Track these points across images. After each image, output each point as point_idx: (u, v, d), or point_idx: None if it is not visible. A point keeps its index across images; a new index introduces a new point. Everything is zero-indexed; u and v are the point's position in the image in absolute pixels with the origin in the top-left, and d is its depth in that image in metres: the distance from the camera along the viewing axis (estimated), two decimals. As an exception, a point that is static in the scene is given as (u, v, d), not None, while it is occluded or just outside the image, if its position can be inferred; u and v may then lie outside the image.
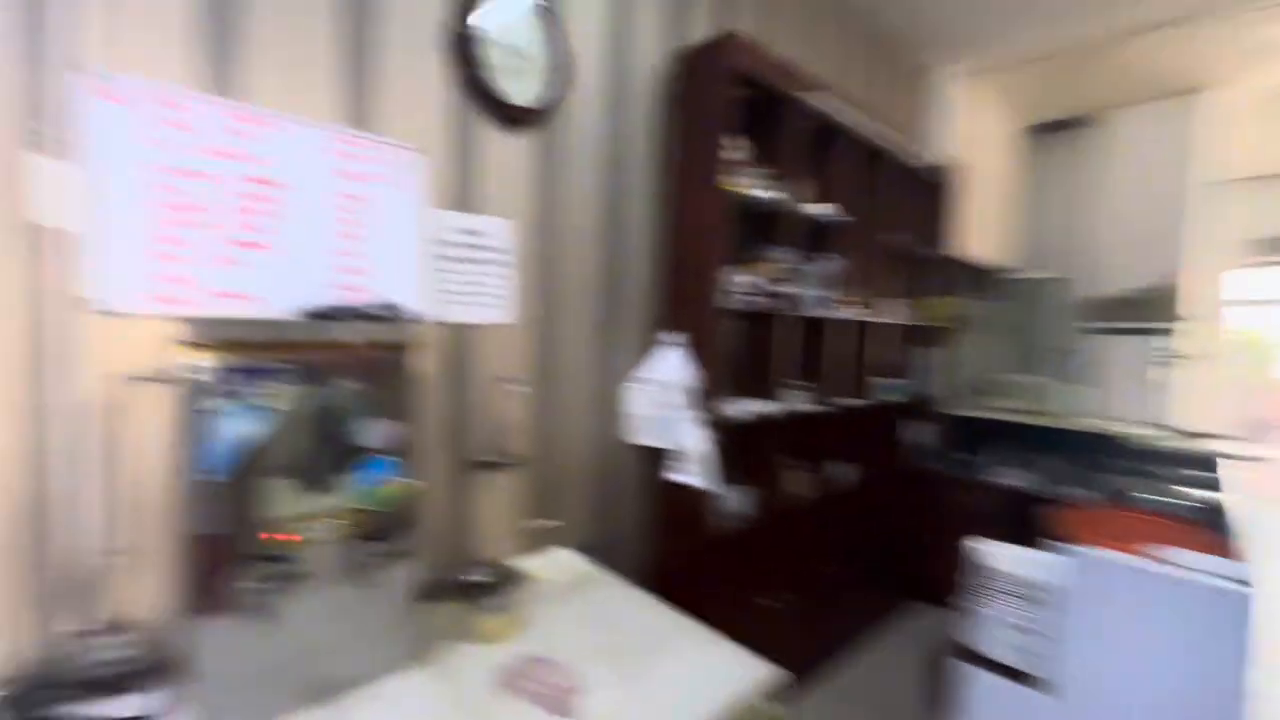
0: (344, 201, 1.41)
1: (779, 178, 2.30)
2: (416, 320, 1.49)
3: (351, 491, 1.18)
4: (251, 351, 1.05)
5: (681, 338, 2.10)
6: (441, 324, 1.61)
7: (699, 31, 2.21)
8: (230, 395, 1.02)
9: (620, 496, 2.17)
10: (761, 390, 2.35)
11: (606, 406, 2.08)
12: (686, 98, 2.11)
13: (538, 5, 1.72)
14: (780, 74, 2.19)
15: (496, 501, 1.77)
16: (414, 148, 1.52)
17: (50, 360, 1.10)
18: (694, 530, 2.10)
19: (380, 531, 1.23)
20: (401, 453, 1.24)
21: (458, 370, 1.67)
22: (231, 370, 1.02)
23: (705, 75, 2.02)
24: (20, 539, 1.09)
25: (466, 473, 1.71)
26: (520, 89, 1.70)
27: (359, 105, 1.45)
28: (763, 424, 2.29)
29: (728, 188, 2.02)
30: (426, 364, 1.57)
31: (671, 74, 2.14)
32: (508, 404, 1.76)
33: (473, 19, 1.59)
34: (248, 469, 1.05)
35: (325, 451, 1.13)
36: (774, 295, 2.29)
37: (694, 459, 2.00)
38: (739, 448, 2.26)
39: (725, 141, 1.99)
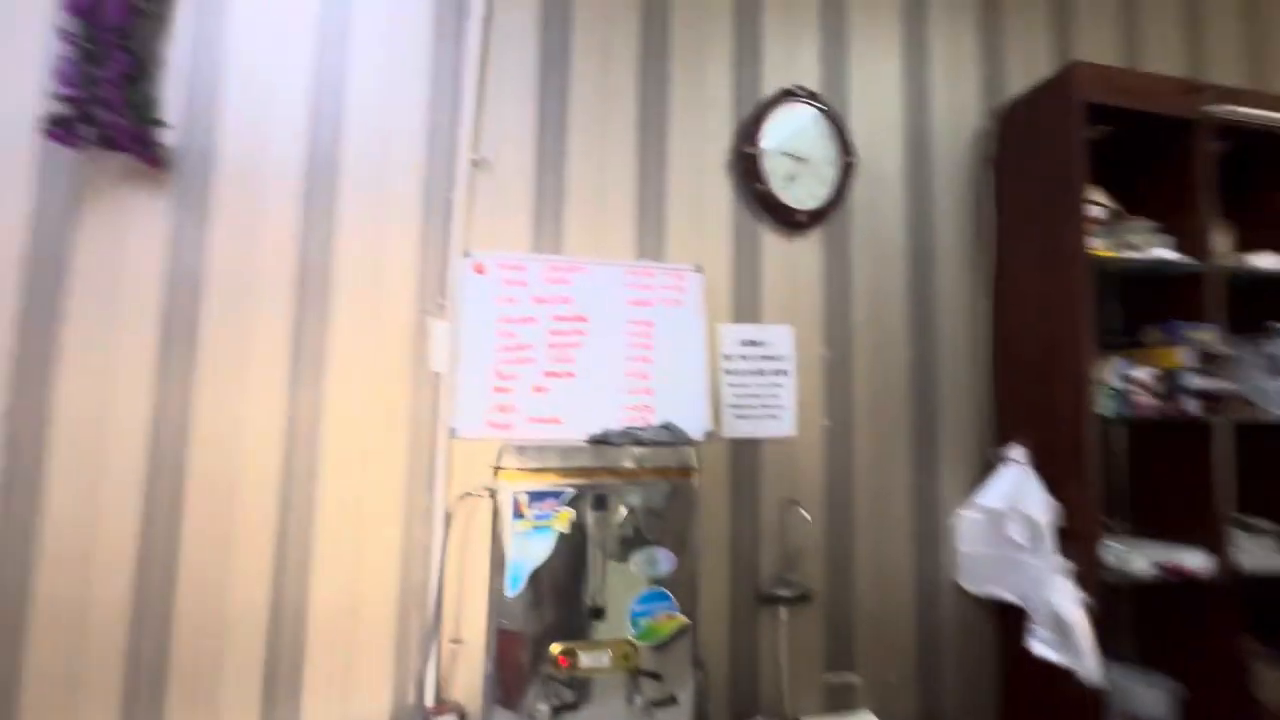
0: (634, 327, 1.51)
1: (1169, 229, 1.64)
2: (697, 440, 1.46)
3: (628, 621, 1.14)
4: (545, 476, 1.14)
5: (1027, 454, 1.59)
6: (724, 440, 1.56)
7: (1018, 81, 1.83)
8: (525, 516, 1.11)
9: (947, 658, 1.67)
10: (1184, 533, 1.58)
11: (925, 538, 1.68)
12: (1014, 156, 1.72)
13: (819, 109, 1.66)
14: (1164, 94, 1.60)
15: (785, 644, 1.54)
16: (697, 268, 1.57)
17: (425, 476, 1.41)
18: (1072, 733, 1.46)
19: (656, 668, 1.16)
20: (680, 582, 1.17)
21: (741, 490, 1.57)
22: (527, 493, 1.12)
23: (1044, 122, 1.62)
24: (395, 619, 1.37)
25: (752, 607, 1.54)
26: (802, 194, 1.64)
27: (649, 237, 1.58)
28: (1188, 584, 1.52)
29: (1088, 252, 1.51)
30: (708, 485, 1.52)
31: (991, 134, 1.79)
32: (798, 529, 1.56)
33: (759, 141, 1.61)
34: (536, 585, 1.11)
35: (602, 577, 1.14)
36: (1188, 392, 1.57)
37: (1056, 624, 1.42)
38: (1146, 618, 1.54)
39: (1079, 195, 1.52)
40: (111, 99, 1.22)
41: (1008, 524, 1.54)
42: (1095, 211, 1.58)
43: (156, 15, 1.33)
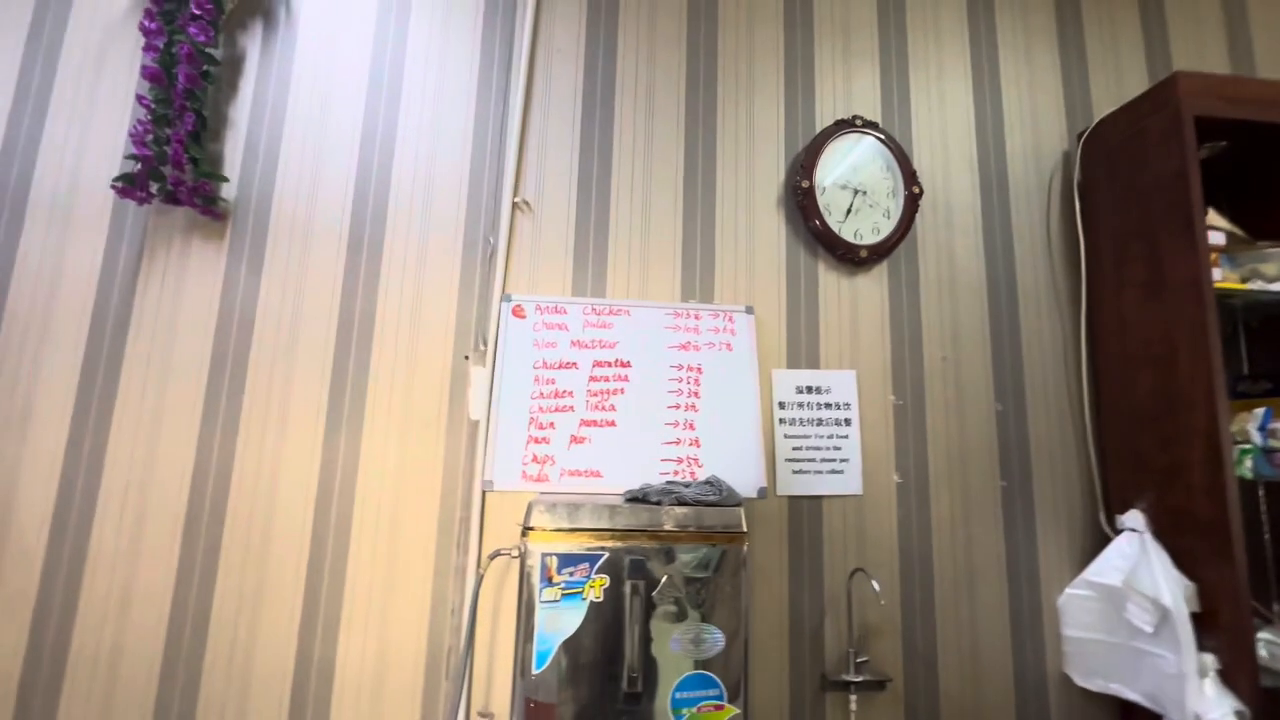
0: (680, 373, 1.41)
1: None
2: (749, 499, 1.33)
3: (669, 708, 1.00)
4: (577, 537, 1.03)
5: (1147, 521, 1.35)
6: (779, 498, 1.40)
7: (1105, 100, 1.68)
8: (554, 581, 1.01)
9: (1061, 767, 1.40)
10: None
11: (1024, 618, 1.44)
12: (1105, 180, 1.53)
13: (879, 138, 1.55)
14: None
15: (858, 738, 1.33)
16: (748, 309, 1.47)
17: (458, 531, 1.33)
18: None
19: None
20: (730, 664, 1.01)
21: (801, 556, 1.39)
22: (557, 556, 1.01)
23: (1143, 140, 1.43)
24: (422, 685, 1.27)
25: (816, 694, 1.34)
26: (863, 228, 1.52)
27: (697, 277, 1.49)
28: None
29: (1214, 285, 1.30)
30: (761, 549, 1.37)
31: (1075, 158, 1.62)
32: (869, 603, 1.36)
33: (815, 174, 1.51)
34: (567, 659, 1.00)
35: (639, 656, 1.00)
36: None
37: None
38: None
39: (1196, 219, 1.32)
40: (177, 156, 1.28)
41: (1128, 605, 1.29)
42: (1214, 238, 1.37)
43: (225, 80, 1.41)
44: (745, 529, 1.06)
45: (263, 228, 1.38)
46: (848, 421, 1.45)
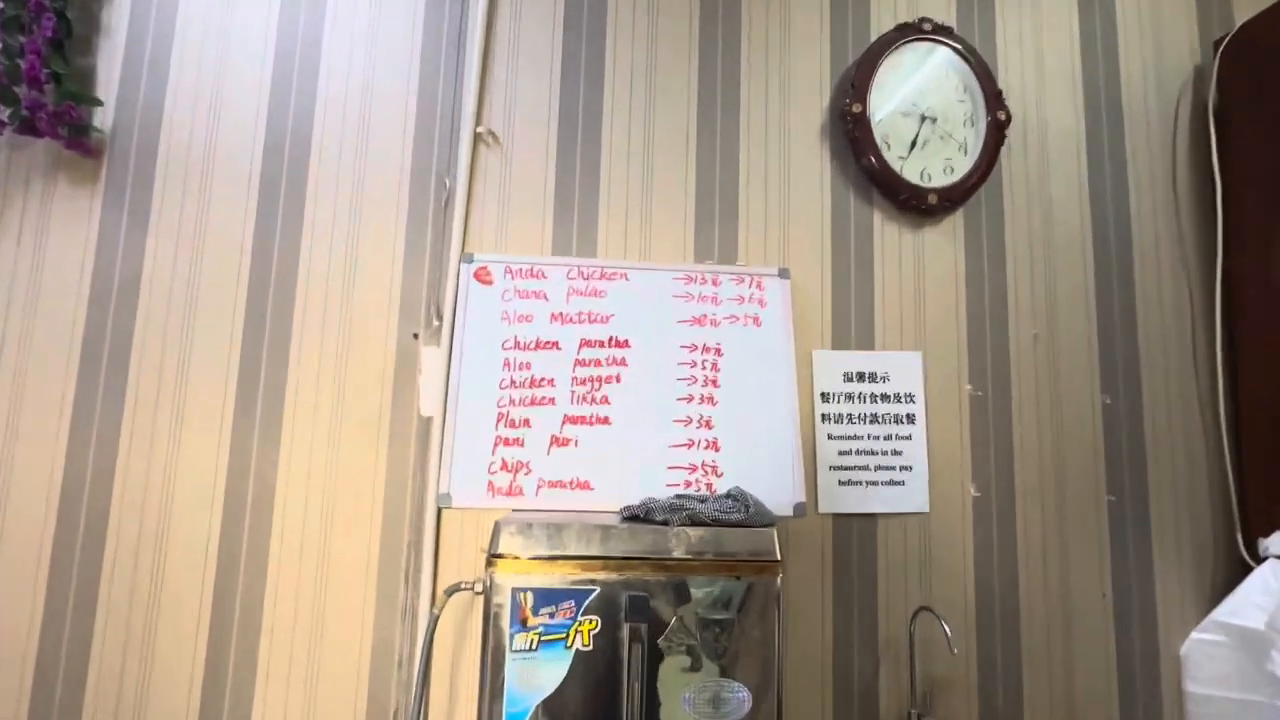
0: (694, 355, 1.35)
1: None
2: (780, 518, 1.28)
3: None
4: (559, 567, 0.99)
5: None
6: (822, 516, 1.36)
7: (1251, 1, 1.60)
8: (529, 624, 0.97)
9: None
10: None
11: (1134, 670, 1.41)
12: (1252, 102, 1.46)
13: (954, 49, 1.48)
14: None
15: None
16: (782, 272, 1.41)
17: (406, 560, 1.26)
18: None
19: None
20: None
21: (849, 591, 1.35)
22: (533, 591, 0.98)
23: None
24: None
25: (867, 762, 1.31)
26: (932, 165, 1.47)
27: (715, 232, 1.43)
28: None
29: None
30: (799, 582, 1.33)
31: (1215, 75, 1.56)
32: (937, 650, 1.33)
33: (869, 97, 1.44)
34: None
35: (639, 718, 0.97)
36: None
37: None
38: None
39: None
40: (33, 71, 1.19)
41: (1271, 654, 1.26)
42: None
43: (98, -28, 1.33)
44: (779, 556, 1.03)
45: (148, 166, 1.30)
46: (910, 418, 1.41)
